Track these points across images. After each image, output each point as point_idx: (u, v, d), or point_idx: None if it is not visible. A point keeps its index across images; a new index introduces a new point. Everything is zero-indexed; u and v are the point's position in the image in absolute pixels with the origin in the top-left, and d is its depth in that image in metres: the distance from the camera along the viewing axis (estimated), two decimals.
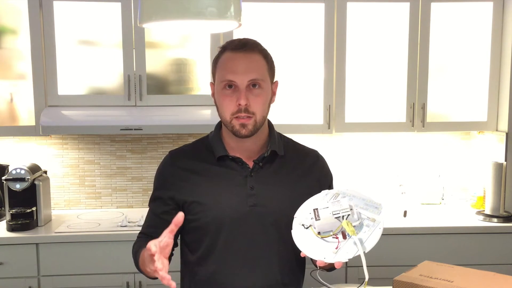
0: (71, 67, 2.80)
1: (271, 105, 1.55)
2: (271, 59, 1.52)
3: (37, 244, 2.60)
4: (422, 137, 3.25)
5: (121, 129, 2.70)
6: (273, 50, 1.59)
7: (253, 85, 1.45)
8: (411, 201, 3.17)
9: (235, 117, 1.45)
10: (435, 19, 2.92)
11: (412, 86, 2.95)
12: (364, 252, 1.22)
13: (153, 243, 1.19)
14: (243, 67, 1.44)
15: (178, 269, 1.62)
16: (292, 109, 2.92)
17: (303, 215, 1.32)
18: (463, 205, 3.18)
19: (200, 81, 2.88)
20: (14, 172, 2.69)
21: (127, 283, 2.64)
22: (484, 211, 2.94)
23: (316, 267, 1.30)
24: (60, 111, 2.75)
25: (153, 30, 2.65)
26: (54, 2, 2.74)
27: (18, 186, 2.70)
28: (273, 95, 1.54)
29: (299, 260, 1.49)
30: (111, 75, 2.83)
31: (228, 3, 1.20)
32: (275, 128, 1.60)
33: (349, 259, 1.22)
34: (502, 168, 2.86)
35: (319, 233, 1.27)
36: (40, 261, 2.60)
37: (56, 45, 2.76)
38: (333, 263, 1.24)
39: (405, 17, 2.91)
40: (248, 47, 1.47)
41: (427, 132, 3.05)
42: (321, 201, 1.32)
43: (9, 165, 2.94)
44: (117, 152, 3.16)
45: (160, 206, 1.55)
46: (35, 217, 2.74)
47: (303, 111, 2.95)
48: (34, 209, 2.74)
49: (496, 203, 2.86)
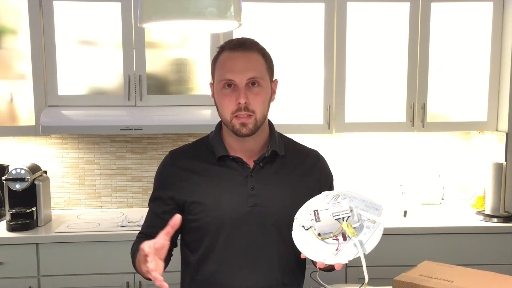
0: (71, 67, 2.79)
1: (271, 105, 1.55)
2: (269, 57, 1.52)
3: (37, 244, 2.60)
4: (422, 137, 3.25)
5: (121, 129, 2.70)
6: (273, 50, 1.59)
7: (252, 84, 1.45)
8: (411, 201, 3.17)
9: (235, 116, 1.45)
10: (435, 19, 2.92)
11: (412, 86, 2.95)
12: (364, 253, 1.21)
13: (147, 244, 1.19)
14: (241, 65, 1.44)
15: (178, 269, 1.62)
16: (292, 109, 2.92)
17: (303, 216, 1.32)
18: (463, 205, 3.18)
19: (200, 81, 2.88)
20: (14, 172, 2.69)
21: (127, 283, 2.64)
22: (484, 211, 2.94)
23: (316, 268, 1.30)
24: (60, 111, 2.75)
25: (153, 30, 2.64)
26: (54, 2, 2.74)
27: (18, 186, 2.70)
28: (273, 93, 1.54)
29: (299, 260, 1.49)
30: (111, 75, 2.83)
31: (228, 3, 1.20)
32: (275, 128, 1.60)
33: (349, 261, 1.22)
34: (502, 168, 2.86)
35: (319, 235, 1.27)
36: (40, 261, 2.60)
37: (56, 45, 2.76)
38: (333, 264, 1.24)
39: (405, 17, 2.91)
40: (246, 46, 1.47)
41: (427, 132, 3.05)
42: (322, 202, 1.32)
43: (9, 165, 2.94)
44: (117, 152, 3.16)
45: (160, 206, 1.55)
46: (35, 217, 2.74)
47: (303, 111, 2.94)
48: (34, 209, 2.74)
49: (496, 203, 2.86)
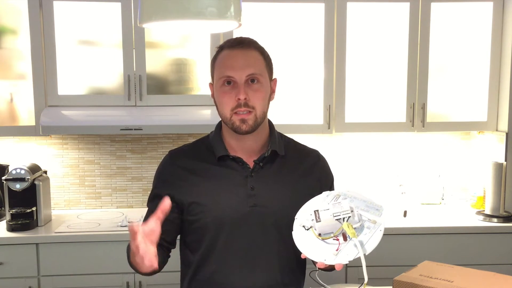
0: (71, 67, 2.79)
1: (271, 105, 1.55)
2: (268, 56, 1.52)
3: (37, 244, 2.60)
4: (422, 137, 3.25)
5: (121, 129, 2.70)
6: (273, 50, 1.59)
7: (251, 80, 1.45)
8: (411, 201, 3.17)
9: (235, 113, 1.45)
10: (435, 19, 2.92)
11: (412, 86, 2.95)
12: (364, 254, 1.21)
13: (136, 224, 1.20)
14: (241, 62, 1.45)
15: (178, 269, 1.62)
16: (292, 109, 2.92)
17: (303, 216, 1.32)
18: (463, 205, 3.18)
19: (200, 81, 2.88)
20: (14, 172, 2.69)
21: (127, 283, 2.64)
22: (484, 211, 2.94)
23: (316, 268, 1.30)
24: (60, 111, 2.75)
25: (153, 30, 2.64)
26: (54, 2, 2.74)
27: (18, 186, 2.70)
28: (272, 92, 1.54)
29: (299, 260, 1.48)
30: (111, 75, 2.83)
31: (228, 3, 1.20)
32: (275, 128, 1.60)
33: (349, 261, 1.22)
34: (502, 168, 2.86)
35: (319, 235, 1.27)
36: (40, 261, 2.60)
37: (56, 45, 2.76)
38: (333, 265, 1.24)
39: (405, 17, 2.91)
40: (245, 44, 1.48)
41: (427, 132, 3.05)
42: (322, 202, 1.32)
43: (9, 165, 2.93)
44: (117, 152, 3.16)
45: (159, 204, 1.54)
46: (35, 217, 2.74)
47: (303, 111, 2.94)
48: (34, 209, 2.74)
49: (496, 203, 2.86)
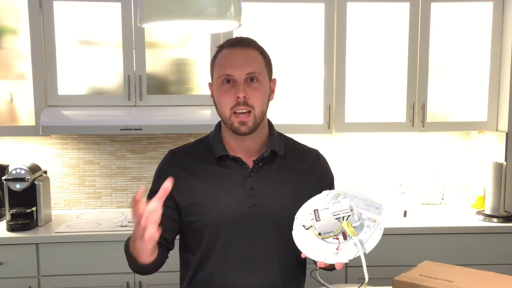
0: (71, 67, 2.79)
1: (271, 105, 1.55)
2: (267, 56, 1.52)
3: (37, 244, 2.60)
4: (422, 137, 3.25)
5: (121, 129, 2.70)
6: (273, 50, 1.59)
7: (251, 79, 1.45)
8: (411, 201, 3.17)
9: (234, 113, 1.44)
10: (435, 19, 2.92)
11: (412, 86, 2.95)
12: (364, 253, 1.21)
13: (140, 200, 1.19)
14: (240, 61, 1.45)
15: (177, 269, 1.62)
16: (292, 109, 2.92)
17: (303, 216, 1.32)
18: (463, 205, 3.18)
19: (200, 81, 2.88)
20: (14, 172, 2.69)
21: (127, 283, 2.64)
22: (484, 211, 2.94)
23: (317, 267, 1.30)
24: (60, 111, 2.75)
25: (153, 30, 2.64)
26: (54, 2, 2.74)
27: (18, 186, 2.70)
28: (272, 92, 1.54)
29: (299, 260, 1.49)
30: (111, 75, 2.83)
31: (228, 3, 1.20)
32: (275, 128, 1.59)
33: (349, 260, 1.22)
34: (502, 168, 2.86)
35: (319, 234, 1.27)
36: (40, 261, 2.60)
37: (56, 45, 2.76)
38: (333, 263, 1.24)
39: (405, 17, 2.91)
40: (244, 43, 1.48)
41: (427, 132, 3.05)
42: (322, 201, 1.32)
43: (9, 165, 2.93)
44: (117, 152, 3.16)
45: None
46: (35, 217, 2.74)
47: (303, 111, 2.94)
48: (34, 209, 2.74)
49: (496, 203, 2.86)
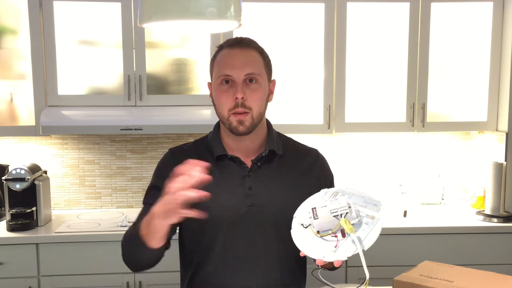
0: (71, 67, 2.80)
1: (271, 105, 1.55)
2: (267, 57, 1.52)
3: (37, 244, 2.60)
4: (422, 137, 3.25)
5: (121, 129, 2.71)
6: (273, 50, 1.59)
7: (250, 80, 1.45)
8: (411, 201, 3.17)
9: (232, 113, 1.44)
10: (435, 19, 2.92)
11: (412, 86, 2.95)
12: (363, 250, 1.21)
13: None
14: (239, 61, 1.44)
15: (177, 269, 1.62)
16: (292, 109, 2.92)
17: (302, 214, 1.32)
18: (463, 205, 3.18)
19: (200, 81, 2.88)
20: (14, 172, 2.69)
21: (127, 283, 2.64)
22: (484, 211, 2.94)
23: (317, 266, 1.30)
24: (60, 111, 2.75)
25: (153, 30, 2.64)
26: (54, 2, 2.74)
27: (18, 186, 2.70)
28: (271, 93, 1.54)
29: (299, 259, 1.49)
30: (111, 75, 2.83)
31: (228, 3, 1.20)
32: (275, 128, 1.59)
33: (349, 258, 1.22)
34: (502, 168, 2.86)
35: (318, 232, 1.27)
36: (40, 261, 2.60)
37: (56, 45, 2.76)
38: (333, 261, 1.24)
39: (405, 17, 2.91)
40: (244, 43, 1.48)
41: (427, 132, 3.05)
42: (320, 200, 1.32)
43: (9, 165, 2.94)
44: (117, 152, 3.16)
45: (157, 195, 1.47)
46: (35, 217, 2.74)
47: (303, 111, 2.94)
48: (34, 209, 2.74)
49: (496, 203, 2.86)
